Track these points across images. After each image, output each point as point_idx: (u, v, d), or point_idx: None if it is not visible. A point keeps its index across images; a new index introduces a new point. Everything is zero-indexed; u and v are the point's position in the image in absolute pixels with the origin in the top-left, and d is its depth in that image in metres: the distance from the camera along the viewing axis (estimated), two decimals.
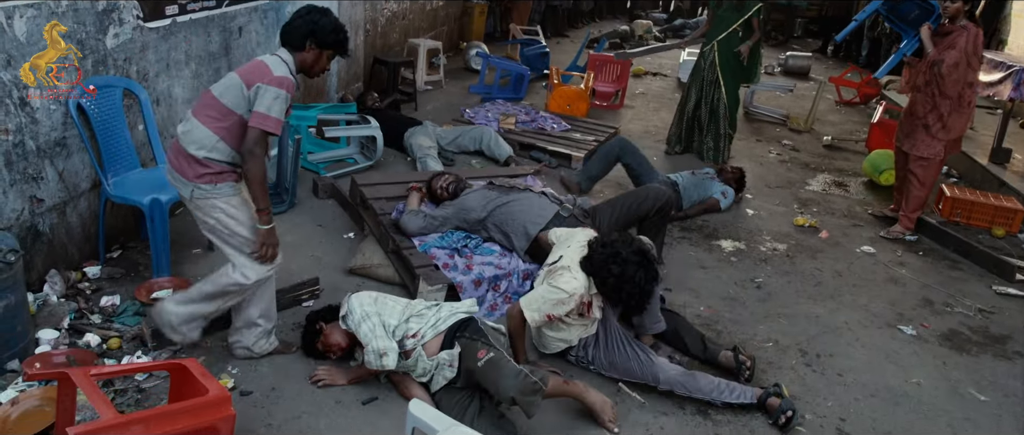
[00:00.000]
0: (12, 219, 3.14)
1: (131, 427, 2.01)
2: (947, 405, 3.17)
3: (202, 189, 2.63)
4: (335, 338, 2.91)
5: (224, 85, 2.67)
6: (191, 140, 2.63)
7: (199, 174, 2.62)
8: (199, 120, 2.64)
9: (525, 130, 6.03)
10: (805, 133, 7.37)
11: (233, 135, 2.64)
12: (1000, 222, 5.11)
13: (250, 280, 2.75)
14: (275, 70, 2.61)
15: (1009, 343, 3.71)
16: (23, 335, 2.81)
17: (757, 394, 2.93)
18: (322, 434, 2.71)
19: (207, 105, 2.66)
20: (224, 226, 2.69)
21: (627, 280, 2.87)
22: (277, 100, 2.58)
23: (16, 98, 3.06)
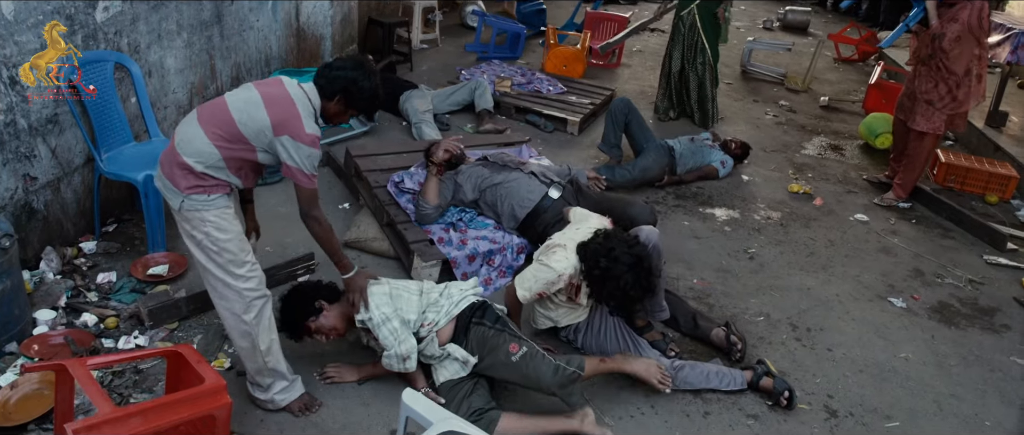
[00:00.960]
0: (6, 198, 3.13)
1: (129, 420, 2.04)
2: (933, 380, 3.23)
3: (193, 200, 2.43)
4: (333, 322, 2.77)
5: (246, 111, 2.41)
6: (192, 151, 2.41)
7: (192, 185, 2.42)
8: (206, 133, 2.41)
9: (521, 93, 5.97)
10: (802, 93, 7.31)
11: (237, 163, 2.47)
12: (993, 189, 5.12)
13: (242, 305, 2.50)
14: (306, 125, 2.41)
15: (997, 316, 3.76)
16: (21, 317, 2.84)
17: (747, 377, 2.98)
18: (319, 412, 2.76)
19: (219, 122, 2.42)
20: (213, 242, 2.44)
21: (611, 278, 2.82)
22: (308, 158, 2.42)
23: (6, 77, 3.02)
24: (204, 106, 2.53)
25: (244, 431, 2.64)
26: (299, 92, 2.48)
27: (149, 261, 3.47)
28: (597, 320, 3.08)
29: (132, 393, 2.74)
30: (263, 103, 2.41)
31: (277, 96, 2.44)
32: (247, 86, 2.54)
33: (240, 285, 2.50)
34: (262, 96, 2.43)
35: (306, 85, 2.53)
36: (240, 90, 2.54)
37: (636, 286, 2.82)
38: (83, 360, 2.22)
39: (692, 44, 5.74)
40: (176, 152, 2.45)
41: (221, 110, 2.44)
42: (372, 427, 2.72)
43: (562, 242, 3.01)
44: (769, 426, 2.89)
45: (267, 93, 2.45)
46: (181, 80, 4.19)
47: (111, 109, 3.56)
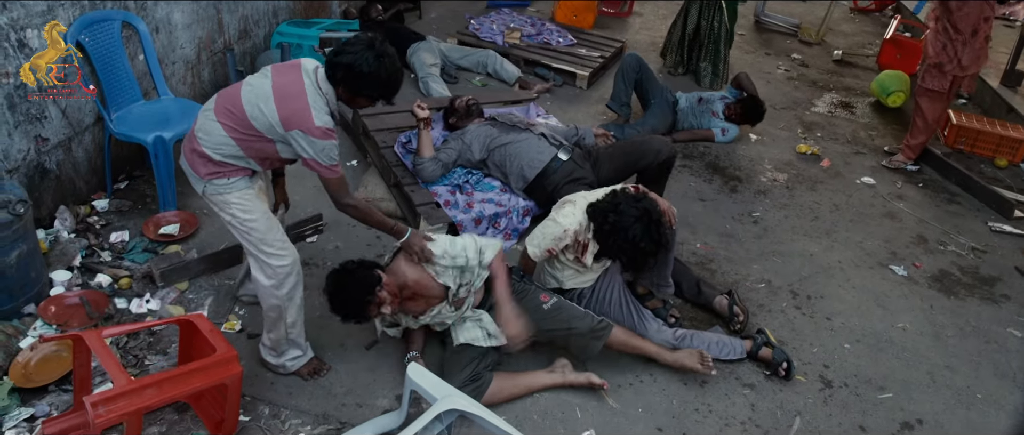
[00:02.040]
0: (19, 159, 3.17)
1: (144, 392, 2.13)
2: (929, 351, 3.30)
3: (214, 185, 2.47)
4: (394, 288, 2.67)
5: (257, 105, 2.38)
6: (210, 143, 2.43)
7: (211, 171, 2.46)
8: (221, 124, 2.42)
9: (530, 45, 5.89)
10: (816, 45, 7.17)
11: (253, 148, 2.46)
12: (1004, 152, 5.09)
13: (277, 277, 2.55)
14: (317, 117, 2.34)
15: (997, 285, 3.80)
16: (37, 280, 2.92)
17: (747, 347, 3.05)
18: (328, 376, 2.85)
19: (232, 114, 2.41)
20: (240, 222, 2.51)
21: (620, 230, 2.84)
22: (326, 151, 2.38)
23: (14, 41, 3.02)
24: (221, 96, 2.49)
25: (255, 393, 2.74)
26: (312, 81, 2.40)
27: (161, 220, 3.52)
28: (603, 287, 3.12)
29: (146, 355, 2.84)
30: (273, 97, 2.36)
31: (288, 87, 2.37)
32: (264, 73, 2.48)
33: (272, 262, 2.54)
34: (273, 88, 2.38)
35: (321, 71, 2.45)
36: (256, 78, 2.47)
37: (646, 237, 2.81)
38: (99, 331, 2.30)
39: (711, 2, 5.60)
40: (195, 140, 2.46)
41: (235, 104, 2.41)
42: (378, 392, 2.81)
43: (573, 199, 3.04)
44: (765, 395, 2.98)
45: (279, 84, 2.39)
46: (188, 35, 4.16)
47: (119, 68, 3.55)
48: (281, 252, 2.55)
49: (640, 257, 2.90)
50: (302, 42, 4.94)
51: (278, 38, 4.98)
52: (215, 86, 4.53)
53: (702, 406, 2.90)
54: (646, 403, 2.88)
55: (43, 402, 2.57)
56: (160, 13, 3.89)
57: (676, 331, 3.05)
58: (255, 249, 2.54)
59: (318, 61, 2.53)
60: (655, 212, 2.86)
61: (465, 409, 2.10)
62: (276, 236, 2.55)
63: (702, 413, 2.87)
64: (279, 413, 2.69)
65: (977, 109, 5.96)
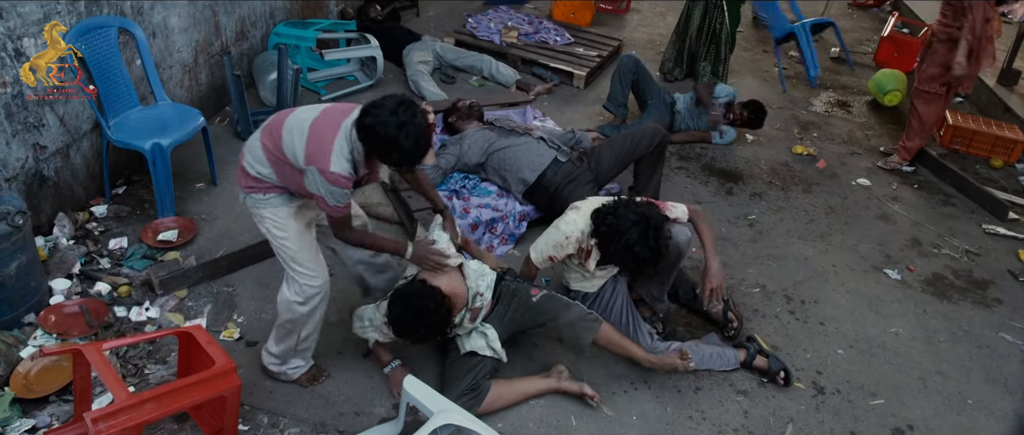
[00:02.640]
0: (17, 168, 3.19)
1: (144, 406, 2.16)
2: (921, 357, 3.33)
3: (251, 199, 2.55)
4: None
5: (293, 134, 2.40)
6: (252, 157, 2.51)
7: (249, 185, 2.53)
8: (261, 143, 2.48)
9: (528, 44, 5.89)
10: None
11: (285, 173, 2.47)
12: (999, 153, 5.10)
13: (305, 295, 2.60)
14: (333, 162, 2.32)
15: (990, 289, 3.83)
16: (37, 289, 2.94)
17: (741, 357, 3.07)
18: (326, 385, 2.89)
19: (272, 136, 2.45)
20: (273, 237, 2.58)
21: (616, 234, 2.80)
22: (334, 195, 2.38)
23: (11, 50, 3.03)
24: (273, 119, 2.51)
25: (253, 402, 2.77)
26: (347, 129, 2.37)
27: (159, 226, 3.54)
28: (607, 294, 3.11)
29: (146, 364, 2.87)
30: (308, 131, 2.37)
31: (324, 126, 2.37)
32: (316, 107, 2.49)
33: (301, 280, 2.58)
34: (312, 123, 2.38)
35: (354, 126, 2.39)
36: (307, 109, 2.49)
37: (641, 242, 2.77)
38: (98, 344, 2.32)
39: (715, 5, 5.56)
40: (242, 154, 2.55)
41: (279, 127, 2.44)
42: (375, 400, 2.84)
43: (579, 205, 3.03)
44: (758, 402, 3.01)
45: (318, 122, 2.39)
46: (185, 39, 4.17)
47: (116, 75, 3.56)
48: (311, 273, 2.59)
49: (635, 262, 2.83)
50: (300, 43, 4.95)
51: (275, 39, 4.98)
52: (212, 89, 4.54)
53: (696, 413, 2.93)
54: (640, 410, 2.92)
55: (44, 413, 2.60)
56: (157, 18, 3.89)
57: (670, 346, 3.06)
58: (286, 264, 2.61)
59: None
60: (655, 218, 2.81)
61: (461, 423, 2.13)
62: (308, 256, 2.59)
63: (696, 420, 2.91)
64: (277, 422, 2.72)
65: (973, 108, 5.97)
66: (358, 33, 5.24)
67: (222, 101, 4.66)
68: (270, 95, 4.67)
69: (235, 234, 3.61)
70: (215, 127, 4.49)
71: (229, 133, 4.45)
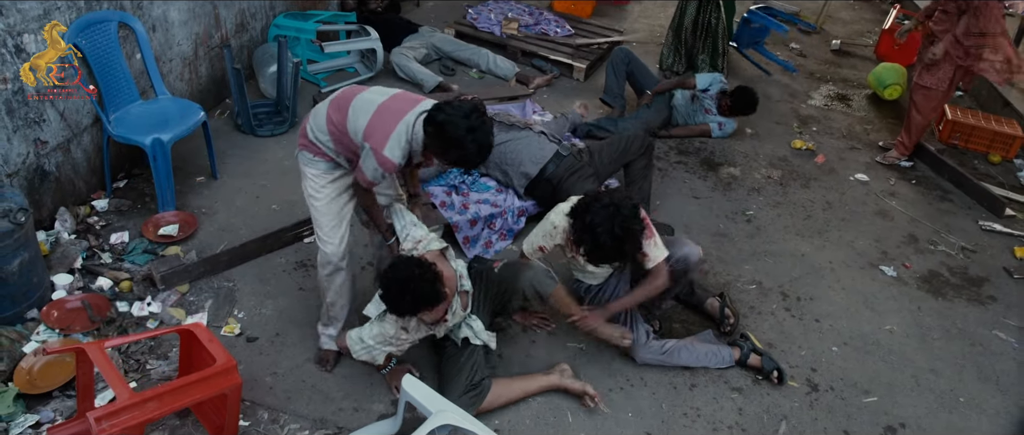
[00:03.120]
0: (18, 163, 3.21)
1: (146, 405, 2.19)
2: (915, 354, 3.36)
3: (304, 156, 2.73)
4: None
5: (359, 110, 2.56)
6: (316, 124, 2.67)
7: (304, 143, 2.72)
8: (328, 113, 2.63)
9: (528, 36, 5.89)
10: (815, 34, 7.15)
11: (342, 142, 2.64)
12: (997, 148, 5.11)
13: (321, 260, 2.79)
14: (388, 147, 2.47)
15: (985, 286, 3.85)
16: (40, 285, 2.97)
17: (735, 356, 3.10)
18: (326, 381, 2.93)
19: (339, 108, 2.61)
20: (308, 195, 2.77)
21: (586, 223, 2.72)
22: (374, 170, 2.53)
23: (11, 46, 3.04)
24: (344, 91, 2.68)
25: (254, 398, 2.81)
26: (412, 119, 2.51)
27: (160, 221, 3.57)
28: (609, 288, 3.13)
29: (148, 359, 2.90)
30: (373, 112, 2.53)
31: (388, 112, 2.53)
32: (385, 91, 2.64)
33: (321, 246, 2.78)
34: (379, 107, 2.54)
35: (421, 113, 2.53)
36: (377, 91, 2.65)
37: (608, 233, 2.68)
38: (101, 343, 2.35)
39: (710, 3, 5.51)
40: (307, 118, 2.73)
41: (346, 102, 2.60)
42: (374, 397, 2.88)
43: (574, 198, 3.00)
44: (752, 399, 3.05)
45: (384, 106, 2.55)
46: (185, 32, 4.17)
47: (116, 69, 3.57)
48: (330, 239, 2.76)
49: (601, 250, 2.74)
50: (299, 36, 4.95)
51: (275, 31, 4.98)
52: (213, 81, 4.55)
53: (690, 410, 2.97)
54: (636, 407, 2.95)
55: (47, 408, 2.64)
56: (156, 11, 3.89)
57: (664, 343, 3.08)
58: (313, 224, 2.81)
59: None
60: (625, 207, 2.71)
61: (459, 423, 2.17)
62: (329, 221, 2.76)
63: (690, 417, 2.95)
64: (278, 418, 2.76)
65: (973, 103, 5.97)
66: (357, 25, 5.24)
67: (222, 93, 4.67)
68: (270, 87, 4.68)
69: (235, 228, 3.64)
70: (215, 120, 4.50)
71: (229, 126, 4.46)
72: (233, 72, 4.10)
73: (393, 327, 2.68)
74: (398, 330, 2.68)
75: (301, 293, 3.31)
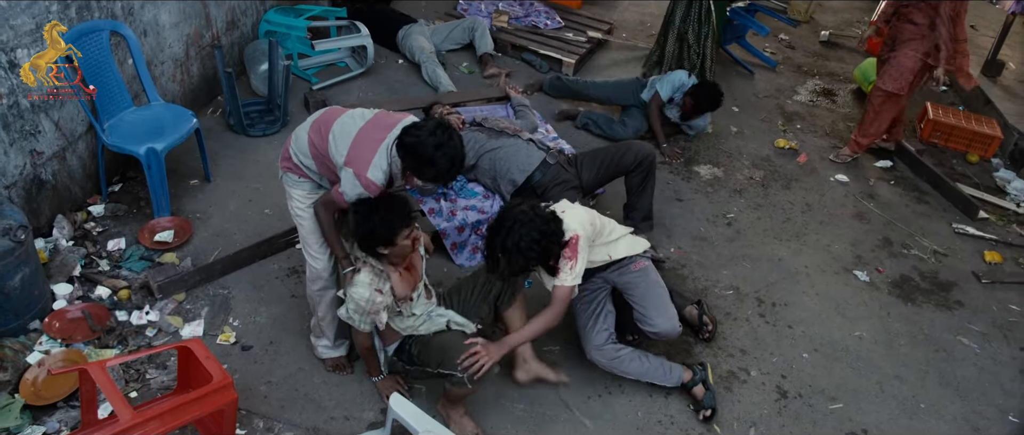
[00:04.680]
0: (16, 175, 3.29)
1: (148, 425, 2.33)
2: (881, 361, 3.52)
3: (288, 178, 2.84)
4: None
5: (339, 137, 2.64)
6: (298, 148, 2.77)
7: (288, 166, 2.82)
8: (309, 137, 2.73)
9: (518, 28, 5.93)
10: (804, 24, 7.20)
11: (325, 165, 2.74)
12: (976, 148, 5.23)
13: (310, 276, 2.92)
14: (371, 171, 2.57)
15: (953, 291, 4.00)
16: (41, 296, 3.08)
17: (684, 379, 3.16)
18: (318, 389, 3.06)
19: (320, 132, 2.70)
20: (294, 215, 2.88)
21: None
22: (356, 193, 2.60)
23: (4, 62, 3.10)
24: (325, 114, 2.77)
25: (250, 407, 2.95)
26: (390, 143, 2.61)
27: (155, 226, 3.66)
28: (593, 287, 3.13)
29: (147, 369, 3.03)
30: (353, 137, 2.62)
31: (368, 137, 2.62)
32: (365, 115, 2.71)
33: (310, 261, 2.92)
34: (359, 131, 2.64)
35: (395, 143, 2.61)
36: (357, 113, 2.72)
37: (492, 243, 2.77)
38: (102, 363, 2.47)
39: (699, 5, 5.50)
40: (289, 141, 2.82)
41: (326, 127, 2.69)
42: (364, 404, 3.02)
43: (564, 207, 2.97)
44: (724, 406, 3.20)
45: (364, 130, 2.64)
46: (176, 34, 4.21)
47: (109, 77, 3.62)
48: (316, 255, 2.89)
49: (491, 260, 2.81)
50: (290, 32, 4.98)
51: (266, 26, 5.01)
52: (204, 80, 4.60)
53: (665, 418, 3.13)
54: (613, 413, 3.11)
55: (53, 419, 2.77)
56: (147, 16, 3.93)
57: (619, 349, 3.09)
58: (302, 243, 2.95)
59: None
60: (518, 217, 2.72)
61: None
62: (318, 240, 2.87)
63: (665, 424, 3.11)
64: (272, 426, 2.90)
65: (957, 98, 6.07)
66: (348, 21, 5.27)
67: (214, 91, 4.73)
68: (261, 85, 4.74)
69: (229, 233, 3.74)
70: (208, 119, 4.56)
71: (221, 125, 4.53)
72: (225, 75, 4.16)
73: (367, 290, 2.67)
74: (372, 292, 2.67)
75: (293, 300, 3.43)
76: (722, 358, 3.43)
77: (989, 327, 3.78)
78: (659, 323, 2.99)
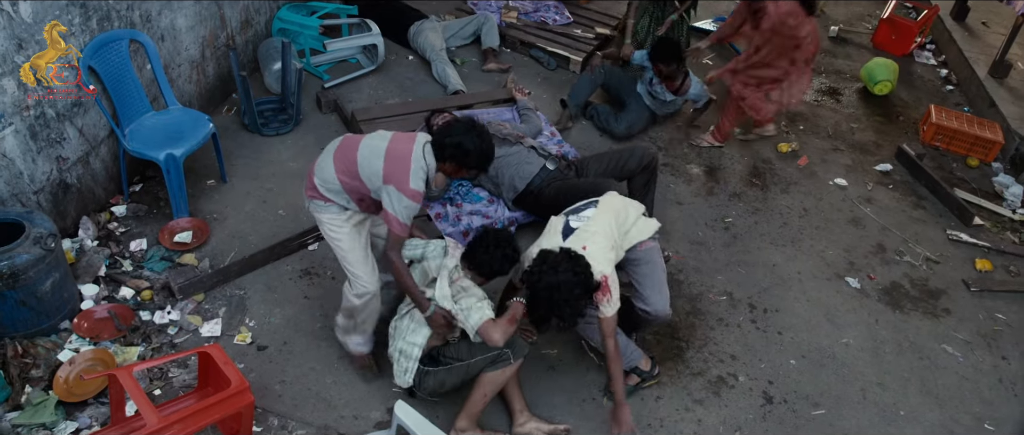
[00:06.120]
0: (43, 181, 3.48)
1: (172, 428, 2.53)
2: (866, 368, 3.67)
3: (314, 204, 2.98)
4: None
5: (369, 158, 2.82)
6: (321, 177, 2.91)
7: (312, 194, 2.97)
8: (334, 166, 2.88)
9: (527, 24, 6.02)
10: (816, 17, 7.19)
11: (355, 190, 2.89)
12: (976, 152, 5.30)
13: (358, 292, 3.02)
14: (411, 181, 2.76)
15: (941, 299, 4.13)
16: (70, 298, 3.29)
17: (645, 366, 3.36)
18: (329, 389, 3.26)
19: (346, 159, 2.86)
20: (329, 238, 3.02)
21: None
22: (405, 209, 2.78)
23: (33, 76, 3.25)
24: (344, 143, 2.95)
25: (266, 405, 3.15)
26: (420, 153, 2.83)
27: (175, 227, 3.85)
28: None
29: (169, 368, 3.24)
30: (384, 156, 2.81)
31: (399, 152, 2.82)
32: (384, 134, 2.92)
33: (355, 280, 3.04)
34: (387, 149, 2.83)
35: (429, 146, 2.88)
36: (376, 137, 2.92)
37: (538, 314, 2.96)
38: (129, 368, 2.68)
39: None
40: (312, 168, 2.98)
41: (351, 151, 2.87)
42: (372, 403, 3.22)
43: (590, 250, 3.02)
44: (711, 409, 3.38)
45: (392, 147, 2.84)
46: (192, 37, 4.36)
47: (129, 83, 3.78)
48: (361, 275, 3.02)
49: (535, 306, 2.96)
50: (303, 31, 5.11)
51: (279, 24, 5.14)
52: (220, 79, 4.75)
53: (655, 421, 3.31)
54: (603, 417, 3.28)
55: (84, 414, 2.99)
56: (164, 22, 4.08)
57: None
58: (341, 263, 3.06)
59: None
60: (547, 280, 2.86)
61: None
62: (358, 257, 3.02)
63: (654, 427, 3.29)
64: (286, 424, 3.11)
65: (962, 97, 6.10)
66: (359, 19, 5.38)
67: (229, 90, 4.88)
68: (275, 83, 4.88)
69: (244, 234, 3.92)
70: (223, 117, 4.72)
71: (236, 124, 4.69)
72: (239, 79, 4.31)
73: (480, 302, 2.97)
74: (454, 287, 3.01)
75: (306, 301, 3.62)
76: (713, 363, 3.59)
77: (974, 335, 3.92)
78: (655, 303, 3.19)
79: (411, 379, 3.04)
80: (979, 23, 6.93)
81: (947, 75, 6.39)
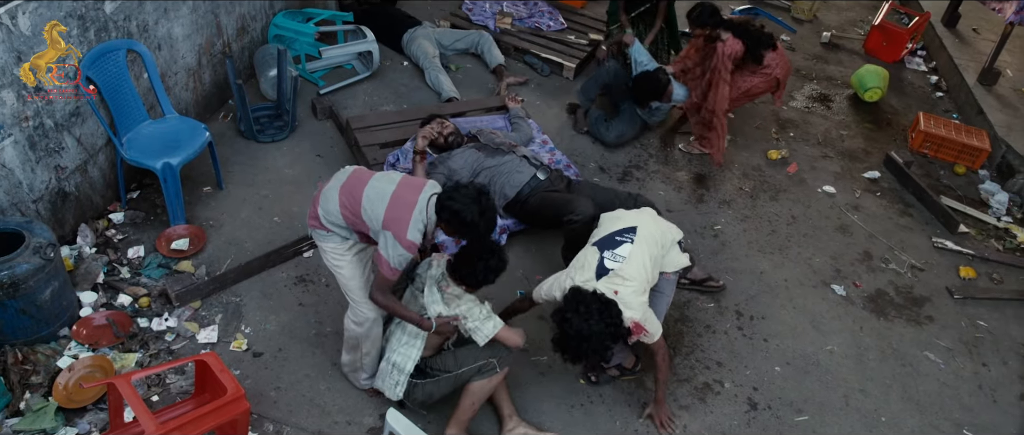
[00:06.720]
0: (42, 190, 3.54)
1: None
2: (849, 375, 3.75)
3: (316, 233, 3.00)
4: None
5: (373, 201, 2.82)
6: (325, 209, 2.93)
7: (314, 224, 2.99)
8: (339, 199, 2.88)
9: (521, 30, 6.08)
10: (807, 23, 7.28)
11: (356, 226, 2.90)
12: (964, 159, 5.37)
13: (358, 319, 3.06)
14: (409, 232, 2.76)
15: (925, 306, 4.21)
16: (69, 305, 3.36)
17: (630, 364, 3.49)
18: (322, 395, 3.34)
19: (351, 197, 2.87)
20: (331, 266, 3.04)
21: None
22: (399, 256, 2.78)
23: (32, 88, 3.32)
24: (350, 179, 2.93)
25: (261, 411, 3.22)
26: (423, 204, 2.82)
27: (172, 234, 3.91)
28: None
29: (167, 373, 3.31)
30: (388, 201, 2.80)
31: (403, 199, 2.81)
32: (393, 178, 2.91)
33: (356, 306, 3.06)
34: (392, 195, 2.82)
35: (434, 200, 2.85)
36: (384, 180, 2.90)
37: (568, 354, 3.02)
38: (128, 377, 2.75)
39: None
40: (316, 199, 2.98)
41: (357, 191, 2.87)
42: (366, 410, 3.29)
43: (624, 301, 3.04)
44: (696, 415, 3.46)
45: (398, 194, 2.83)
46: (189, 45, 4.42)
47: (126, 93, 3.84)
48: (361, 300, 3.04)
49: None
50: (298, 37, 5.17)
51: (274, 31, 5.20)
52: (216, 86, 4.81)
53: (641, 427, 3.38)
54: (593, 423, 3.36)
55: (84, 421, 3.06)
56: (161, 31, 4.13)
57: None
58: (343, 291, 3.09)
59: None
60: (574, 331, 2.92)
61: None
62: (359, 284, 3.04)
63: (641, 433, 3.36)
64: (281, 430, 3.18)
65: (952, 104, 6.18)
66: (354, 25, 5.44)
67: (225, 96, 4.94)
68: (271, 90, 4.94)
69: (240, 241, 3.99)
70: (219, 123, 4.78)
71: (232, 130, 4.75)
72: (236, 87, 4.37)
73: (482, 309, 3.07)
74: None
75: (301, 308, 3.69)
76: (699, 370, 3.67)
77: (956, 343, 4.00)
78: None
79: (401, 392, 3.10)
80: (970, 30, 6.99)
81: (937, 82, 6.46)
